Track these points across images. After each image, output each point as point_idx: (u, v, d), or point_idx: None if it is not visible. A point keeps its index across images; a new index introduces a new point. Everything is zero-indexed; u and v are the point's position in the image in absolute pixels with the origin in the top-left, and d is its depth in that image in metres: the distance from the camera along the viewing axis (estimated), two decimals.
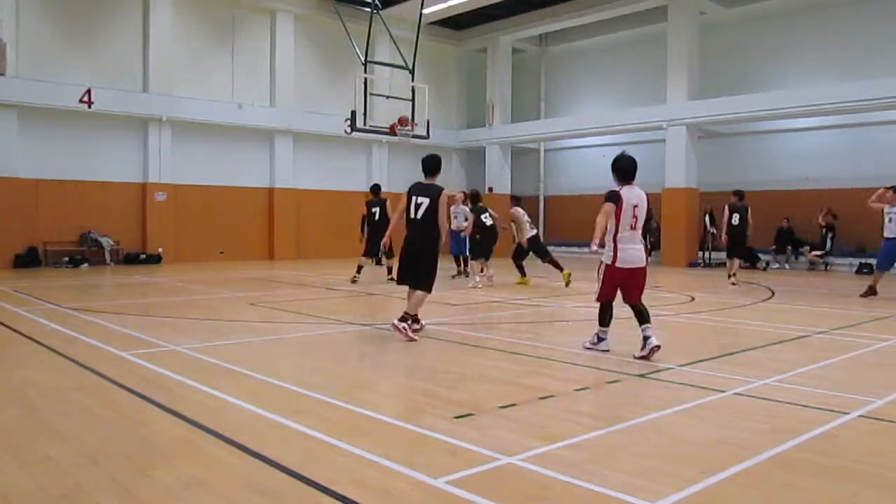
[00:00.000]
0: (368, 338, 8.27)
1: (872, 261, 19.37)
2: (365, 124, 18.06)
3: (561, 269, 13.99)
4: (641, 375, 6.05)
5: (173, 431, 4.41)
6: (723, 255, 21.69)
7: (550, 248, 16.17)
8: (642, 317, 6.84)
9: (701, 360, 6.69)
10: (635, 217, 6.82)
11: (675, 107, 21.89)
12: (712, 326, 9.43)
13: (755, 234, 15.71)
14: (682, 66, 21.78)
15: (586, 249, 7.51)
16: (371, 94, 18.47)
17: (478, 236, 14.33)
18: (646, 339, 6.70)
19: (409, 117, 18.41)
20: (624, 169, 7.04)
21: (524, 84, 28.31)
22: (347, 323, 9.15)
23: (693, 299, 12.18)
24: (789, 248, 20.78)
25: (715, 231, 21.73)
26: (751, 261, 20.38)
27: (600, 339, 7.17)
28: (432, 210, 7.93)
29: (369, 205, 15.14)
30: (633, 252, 6.91)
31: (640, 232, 6.93)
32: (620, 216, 6.82)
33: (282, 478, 3.59)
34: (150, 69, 20.47)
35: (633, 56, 25.20)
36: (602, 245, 6.90)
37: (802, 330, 8.67)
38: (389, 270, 14.64)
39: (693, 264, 21.63)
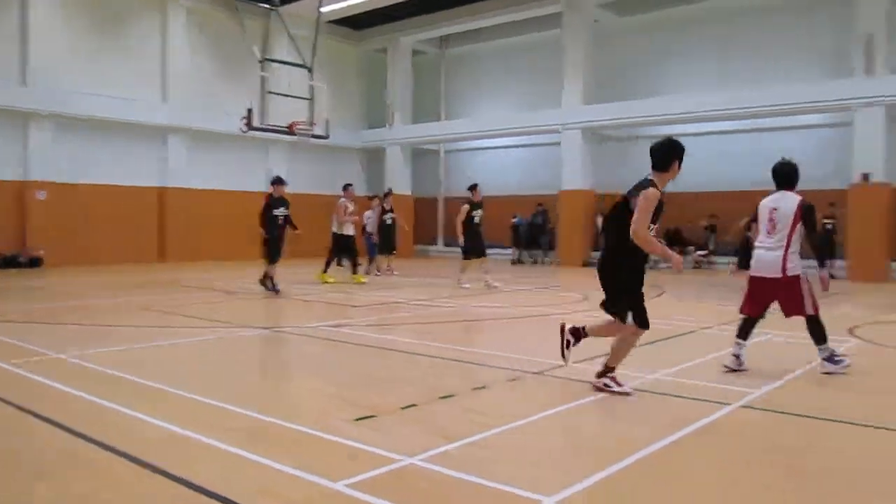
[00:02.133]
0: (268, 342, 8.10)
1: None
2: (262, 123, 17.72)
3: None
4: (539, 373, 6.19)
5: (58, 444, 4.18)
6: None
7: (449, 250, 16.44)
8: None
9: (595, 357, 6.90)
10: (771, 220, 6.40)
11: (570, 110, 22.52)
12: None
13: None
14: (577, 71, 22.45)
15: (488, 251, 7.52)
16: (269, 93, 18.15)
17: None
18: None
19: (308, 117, 18.19)
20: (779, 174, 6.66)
21: (425, 85, 28.45)
22: (246, 327, 8.94)
23: (586, 298, 12.55)
24: (676, 248, 21.74)
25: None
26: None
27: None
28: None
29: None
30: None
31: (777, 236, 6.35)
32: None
33: (179, 491, 3.46)
34: (29, 62, 19.33)
35: (530, 60, 25.75)
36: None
37: (690, 326, 9.09)
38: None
39: (587, 264, 22.28)
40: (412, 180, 27.57)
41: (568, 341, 5.81)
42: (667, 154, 5.62)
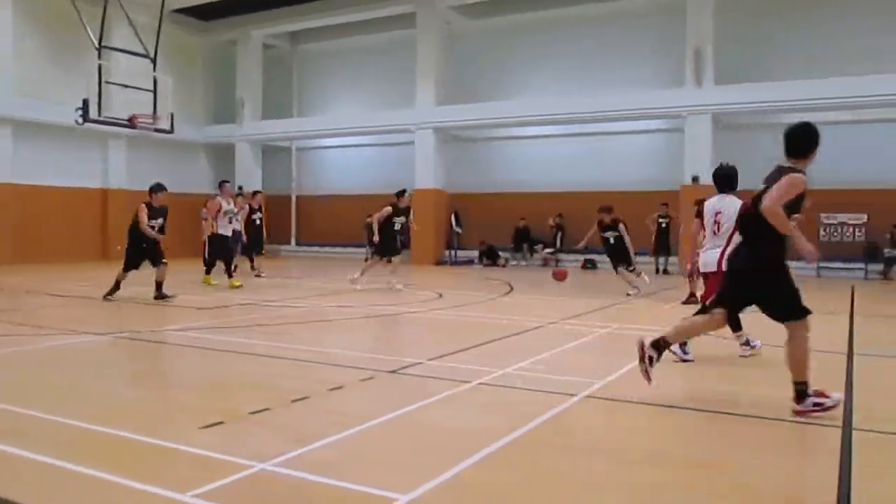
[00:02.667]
0: (107, 348, 7.62)
1: (596, 257, 21.84)
2: (100, 115, 16.60)
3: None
4: (393, 371, 6.22)
5: None
6: (469, 253, 23.01)
7: (303, 249, 16.23)
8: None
9: (449, 354, 7.03)
10: (717, 223, 6.96)
11: (423, 111, 22.78)
12: (459, 321, 9.94)
13: (498, 233, 16.86)
14: (430, 72, 22.73)
15: (340, 250, 7.43)
16: (107, 83, 17.00)
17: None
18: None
19: (151, 111, 17.24)
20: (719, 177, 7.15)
21: (276, 81, 27.78)
22: (83, 333, 8.36)
23: (441, 296, 12.76)
24: (525, 245, 22.53)
25: (461, 231, 23.02)
26: (491, 258, 21.96)
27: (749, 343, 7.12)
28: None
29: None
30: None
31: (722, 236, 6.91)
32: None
33: None
34: None
35: (384, 59, 25.77)
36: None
37: (538, 321, 9.44)
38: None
39: (440, 262, 22.66)
40: (263, 178, 26.85)
41: (650, 357, 5.18)
42: (805, 139, 5.02)
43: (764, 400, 5.48)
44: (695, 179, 19.07)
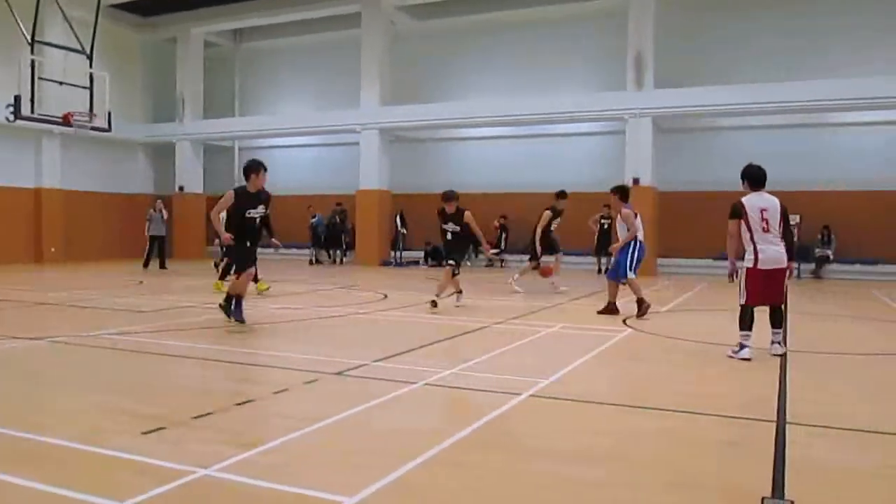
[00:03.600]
0: (39, 352, 7.38)
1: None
2: (33, 112, 16.07)
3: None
4: (338, 374, 6.18)
5: None
6: (414, 254, 23.02)
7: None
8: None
9: (395, 355, 7.02)
10: (765, 220, 7.00)
11: (368, 111, 22.70)
12: (405, 322, 9.94)
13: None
14: (375, 72, 22.66)
15: (284, 252, 7.34)
16: (41, 79, 16.47)
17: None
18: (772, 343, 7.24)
19: (88, 108, 16.76)
20: (752, 176, 7.20)
21: (218, 79, 27.33)
22: (15, 338, 8.08)
23: (386, 297, 12.73)
24: (470, 246, 22.55)
25: (406, 231, 23.00)
26: (437, 259, 21.94)
27: (742, 347, 7.05)
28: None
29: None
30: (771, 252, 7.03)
31: (774, 234, 7.04)
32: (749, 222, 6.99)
33: None
34: None
35: (329, 59, 25.59)
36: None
37: (483, 322, 9.50)
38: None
39: (385, 263, 22.59)
40: (205, 178, 26.37)
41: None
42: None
43: (711, 398, 5.63)
44: (636, 181, 19.43)
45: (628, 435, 4.59)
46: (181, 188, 25.60)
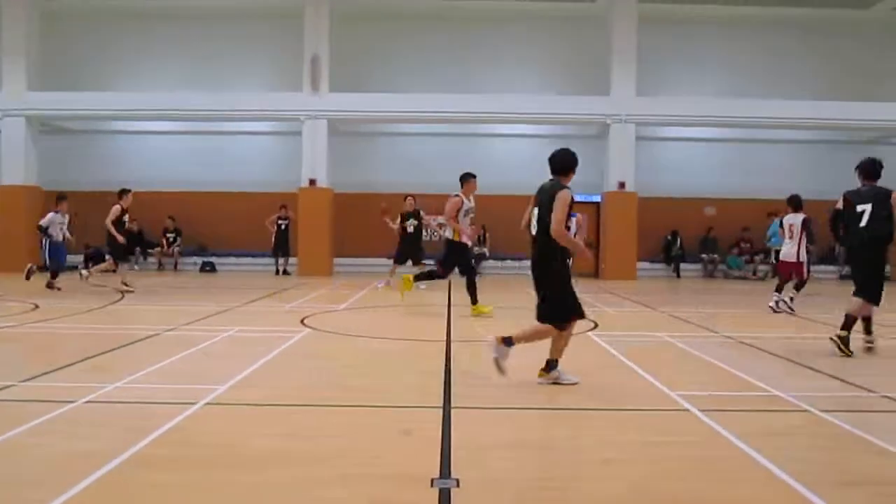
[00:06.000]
0: None
1: (216, 259, 21.38)
2: None
3: None
4: None
5: None
6: (73, 258, 20.77)
7: None
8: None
9: (49, 372, 6.27)
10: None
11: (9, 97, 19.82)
12: (59, 334, 8.94)
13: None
14: (21, 53, 19.86)
15: None
16: None
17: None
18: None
19: None
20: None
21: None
22: None
23: (37, 307, 11.31)
24: (138, 249, 20.97)
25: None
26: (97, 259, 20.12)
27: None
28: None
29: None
30: None
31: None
32: None
33: None
34: None
35: None
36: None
37: (153, 329, 8.89)
38: None
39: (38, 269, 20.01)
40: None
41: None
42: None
43: (386, 390, 5.90)
44: (312, 182, 19.74)
45: (308, 434, 4.63)
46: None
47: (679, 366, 7.31)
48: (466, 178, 11.14)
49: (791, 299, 11.86)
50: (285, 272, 20.01)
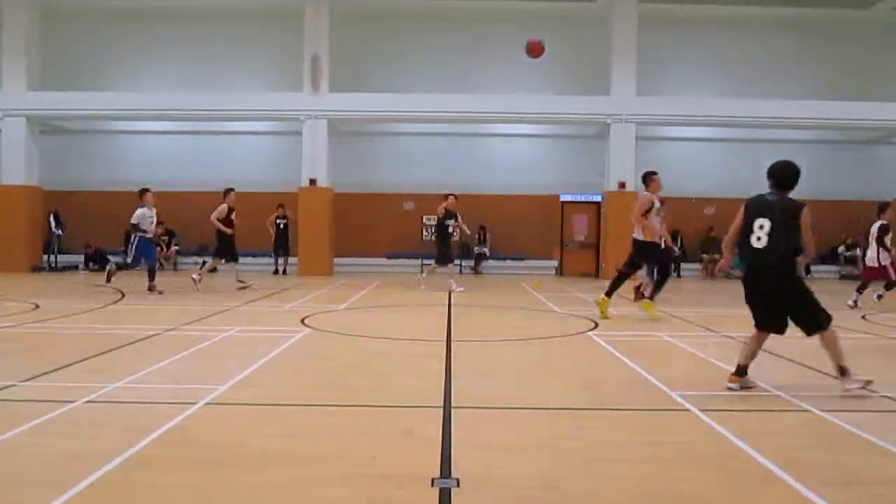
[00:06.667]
0: None
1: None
2: None
3: None
4: None
5: None
6: (73, 258, 20.77)
7: None
8: None
9: (49, 372, 6.27)
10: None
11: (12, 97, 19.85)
12: (60, 334, 8.93)
13: (106, 234, 15.50)
14: (21, 53, 19.88)
15: None
16: None
17: None
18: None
19: None
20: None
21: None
22: None
23: (38, 307, 11.31)
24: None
25: (61, 233, 20.61)
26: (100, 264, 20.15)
27: None
28: None
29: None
30: None
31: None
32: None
33: None
34: None
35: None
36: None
37: (153, 329, 8.89)
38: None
39: (38, 269, 20.03)
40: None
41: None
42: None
43: (388, 390, 5.89)
44: (312, 182, 19.78)
45: (308, 434, 4.63)
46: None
47: (679, 365, 7.32)
48: (650, 177, 10.59)
49: (879, 297, 12.86)
50: (284, 272, 20.01)
